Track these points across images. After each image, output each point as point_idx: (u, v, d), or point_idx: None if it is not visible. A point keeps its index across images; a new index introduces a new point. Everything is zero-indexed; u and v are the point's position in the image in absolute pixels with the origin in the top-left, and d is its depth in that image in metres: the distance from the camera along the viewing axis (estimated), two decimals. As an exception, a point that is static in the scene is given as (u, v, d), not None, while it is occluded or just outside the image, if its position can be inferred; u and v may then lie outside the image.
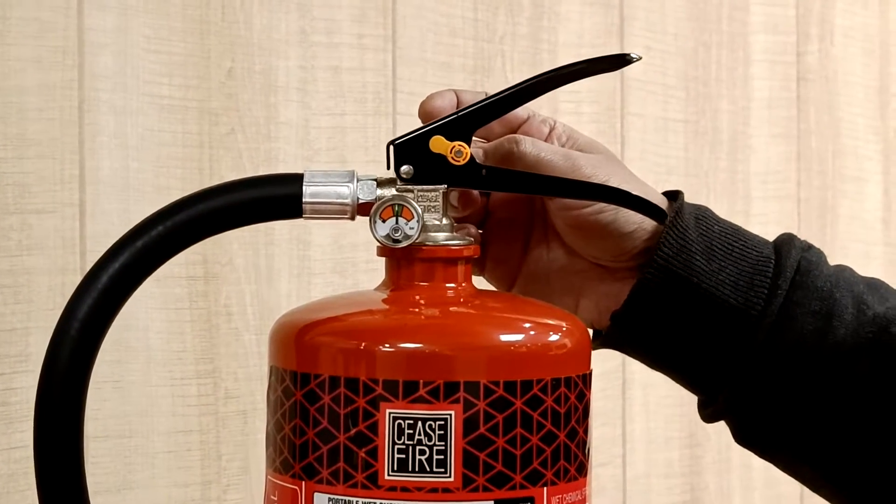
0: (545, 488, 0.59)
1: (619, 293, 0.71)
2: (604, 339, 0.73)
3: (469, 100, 0.67)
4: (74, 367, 0.62)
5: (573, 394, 0.61)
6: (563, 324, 0.63)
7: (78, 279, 0.87)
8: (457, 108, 0.67)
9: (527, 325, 0.63)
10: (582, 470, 0.61)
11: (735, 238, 0.73)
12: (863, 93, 1.42)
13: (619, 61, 0.65)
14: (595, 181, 0.68)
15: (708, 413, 0.74)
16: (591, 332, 0.73)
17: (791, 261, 0.72)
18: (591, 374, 0.63)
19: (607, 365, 1.18)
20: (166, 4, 0.95)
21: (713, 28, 1.30)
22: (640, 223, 0.70)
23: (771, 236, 0.75)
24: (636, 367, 1.03)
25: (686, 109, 1.27)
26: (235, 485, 0.98)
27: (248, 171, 0.98)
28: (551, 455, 0.59)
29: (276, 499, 0.61)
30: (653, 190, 0.72)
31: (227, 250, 0.97)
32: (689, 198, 1.28)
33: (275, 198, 0.64)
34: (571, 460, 0.60)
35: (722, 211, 1.31)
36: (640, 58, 0.65)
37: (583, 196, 0.68)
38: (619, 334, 0.72)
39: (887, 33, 1.45)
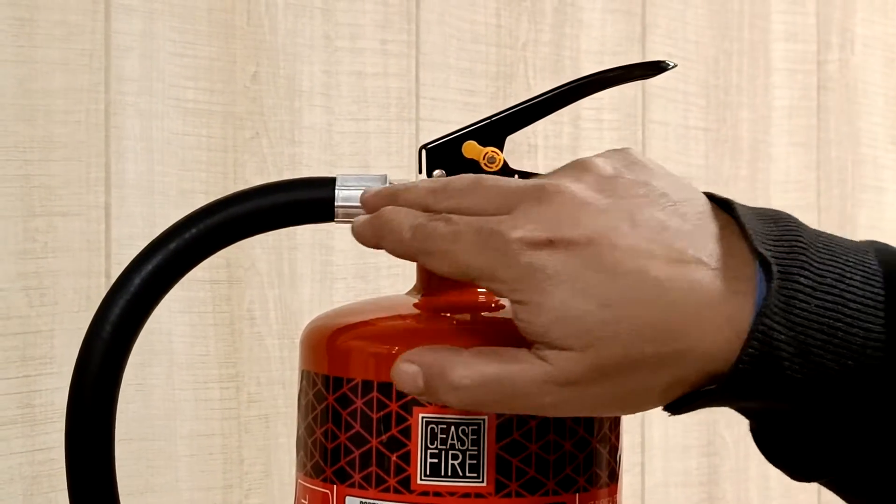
0: (577, 494, 0.59)
1: None
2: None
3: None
4: (106, 369, 0.62)
5: (605, 400, 0.61)
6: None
7: (103, 281, 0.88)
8: None
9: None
10: (614, 476, 0.61)
11: (835, 314, 0.53)
12: (883, 102, 1.43)
13: (654, 68, 0.64)
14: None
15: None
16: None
17: None
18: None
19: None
20: (192, 9, 0.95)
21: (734, 36, 1.30)
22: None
23: None
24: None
25: (707, 117, 1.27)
26: (257, 489, 0.98)
27: (272, 175, 0.98)
28: (584, 461, 0.59)
29: (306, 503, 0.61)
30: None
31: (250, 255, 0.97)
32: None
33: (308, 201, 0.63)
34: (603, 466, 0.60)
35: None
36: (676, 65, 0.64)
37: None
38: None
39: (908, 43, 1.45)
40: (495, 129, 0.64)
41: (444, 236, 0.54)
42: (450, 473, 0.58)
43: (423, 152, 0.64)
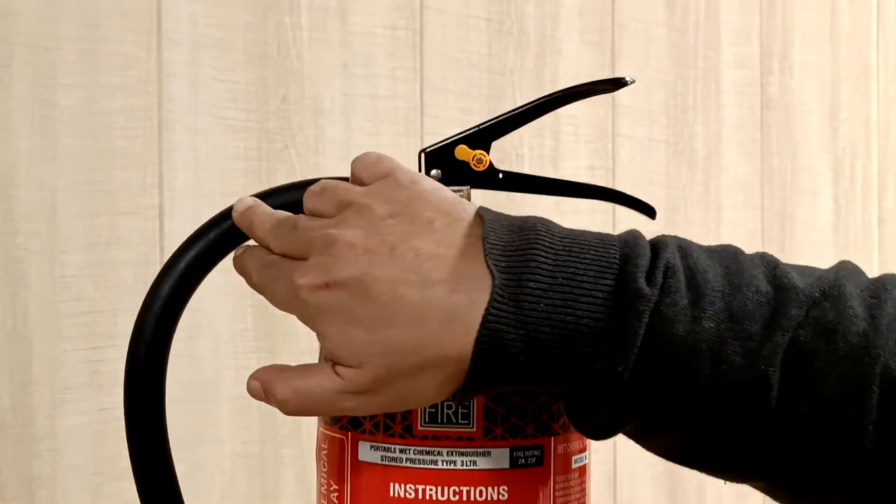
0: (552, 438, 0.59)
1: None
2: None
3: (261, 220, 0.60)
4: (158, 338, 0.62)
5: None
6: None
7: (157, 269, 0.88)
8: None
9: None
10: (583, 423, 0.61)
11: (566, 309, 0.52)
12: (817, 119, 1.43)
13: (615, 84, 0.64)
14: None
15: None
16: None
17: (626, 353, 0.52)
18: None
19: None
20: (231, 41, 0.96)
21: (690, 64, 1.30)
22: None
23: (740, 241, 0.68)
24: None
25: (667, 132, 1.28)
26: (289, 442, 0.98)
27: (299, 180, 0.98)
28: (557, 410, 0.59)
29: (325, 447, 0.61)
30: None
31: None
32: (670, 208, 1.29)
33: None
34: (574, 415, 0.61)
35: (696, 219, 1.33)
36: (634, 81, 0.64)
37: (576, 195, 0.66)
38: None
39: (837, 69, 1.45)
40: (482, 136, 0.64)
41: (270, 284, 0.58)
42: (445, 420, 0.58)
43: (423, 155, 0.64)
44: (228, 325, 0.95)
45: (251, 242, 0.62)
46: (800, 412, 0.52)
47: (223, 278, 0.92)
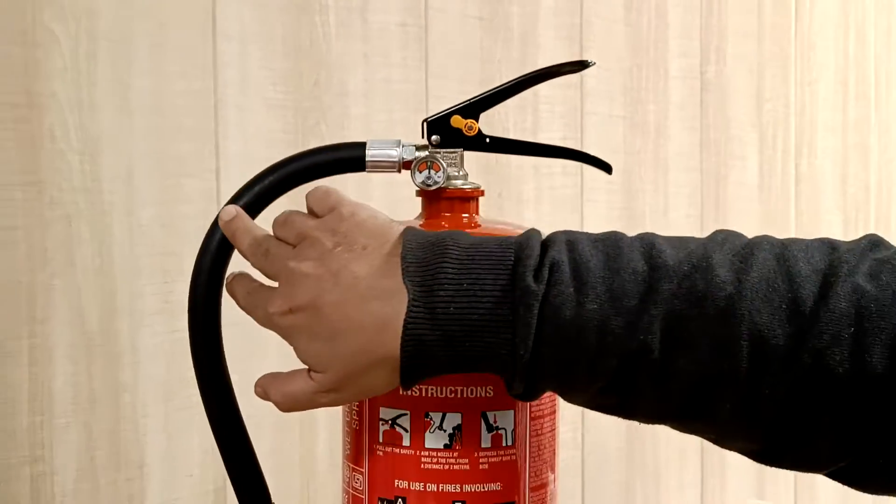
0: None
1: None
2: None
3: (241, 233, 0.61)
4: (213, 273, 0.63)
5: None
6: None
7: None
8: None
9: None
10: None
11: (471, 310, 0.52)
12: (745, 99, 1.42)
13: (580, 65, 0.64)
14: None
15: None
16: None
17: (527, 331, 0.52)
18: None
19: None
20: (272, 36, 0.95)
21: (644, 54, 1.30)
22: None
23: (682, 197, 0.66)
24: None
25: (625, 109, 1.27)
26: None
27: (328, 149, 0.98)
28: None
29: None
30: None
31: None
32: (626, 171, 1.28)
33: (348, 157, 0.64)
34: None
35: (648, 179, 1.32)
36: (595, 63, 0.64)
37: (549, 155, 0.65)
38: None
39: (762, 59, 1.45)
40: (473, 108, 0.64)
41: (252, 310, 0.59)
42: None
43: (425, 124, 0.64)
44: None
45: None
46: (680, 369, 0.51)
47: (266, 225, 0.93)
